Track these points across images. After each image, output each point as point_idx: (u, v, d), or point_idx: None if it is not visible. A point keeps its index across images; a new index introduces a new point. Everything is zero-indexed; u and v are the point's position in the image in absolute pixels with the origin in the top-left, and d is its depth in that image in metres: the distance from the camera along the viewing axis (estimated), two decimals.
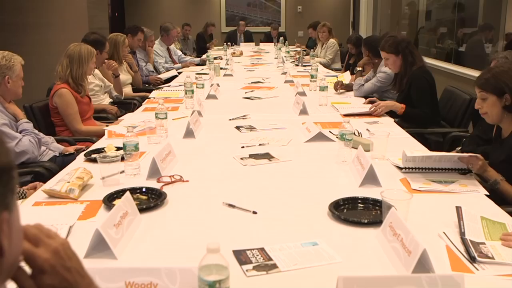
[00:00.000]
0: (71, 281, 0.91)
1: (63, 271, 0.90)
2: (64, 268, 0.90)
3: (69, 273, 0.91)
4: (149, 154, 2.75)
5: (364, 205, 2.08)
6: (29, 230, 0.89)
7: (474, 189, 2.30)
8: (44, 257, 0.87)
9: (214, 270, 1.22)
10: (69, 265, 0.91)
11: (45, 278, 0.88)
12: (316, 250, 1.71)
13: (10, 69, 3.19)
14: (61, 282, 0.89)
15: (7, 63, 3.19)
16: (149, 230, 1.90)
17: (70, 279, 0.91)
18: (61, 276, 0.89)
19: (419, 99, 3.94)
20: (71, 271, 0.91)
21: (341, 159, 2.65)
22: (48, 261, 0.88)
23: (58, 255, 0.90)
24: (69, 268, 0.91)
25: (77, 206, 2.13)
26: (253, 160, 2.74)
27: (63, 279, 0.89)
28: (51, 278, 0.88)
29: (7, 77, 3.18)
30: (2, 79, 3.17)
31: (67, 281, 0.90)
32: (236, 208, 2.08)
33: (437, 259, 1.59)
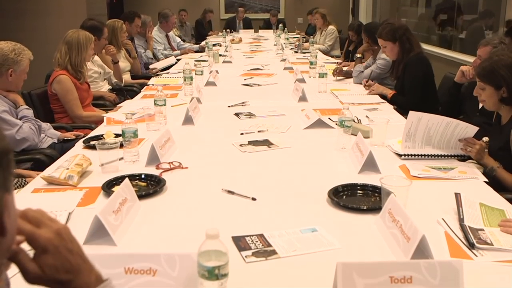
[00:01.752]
0: (73, 263, 0.90)
1: (66, 253, 0.90)
2: (66, 249, 0.90)
3: (71, 255, 0.90)
4: (148, 141, 2.75)
5: (363, 191, 2.08)
6: (31, 212, 0.89)
7: (473, 176, 2.30)
8: (46, 237, 0.87)
9: (213, 256, 1.22)
10: (71, 247, 0.91)
11: (48, 258, 0.87)
12: (315, 237, 1.71)
13: (16, 64, 3.16)
14: (64, 263, 0.89)
15: (15, 58, 3.15)
16: (148, 217, 1.90)
17: (72, 261, 0.90)
18: (64, 257, 0.89)
19: (409, 86, 3.95)
20: (73, 253, 0.91)
21: (340, 146, 2.65)
22: (50, 240, 0.88)
23: (60, 236, 0.90)
24: (71, 250, 0.91)
25: (76, 193, 2.13)
26: (252, 146, 2.74)
27: (65, 260, 0.89)
28: (54, 258, 0.88)
29: (11, 70, 3.15)
30: (6, 71, 3.14)
31: (69, 263, 0.90)
32: (235, 194, 2.08)
33: (436, 245, 1.60)
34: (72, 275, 0.90)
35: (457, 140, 2.47)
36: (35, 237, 0.86)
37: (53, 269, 0.88)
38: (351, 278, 1.30)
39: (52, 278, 0.88)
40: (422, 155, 2.50)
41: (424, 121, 2.49)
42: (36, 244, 0.87)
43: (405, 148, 2.52)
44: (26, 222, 0.86)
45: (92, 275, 0.93)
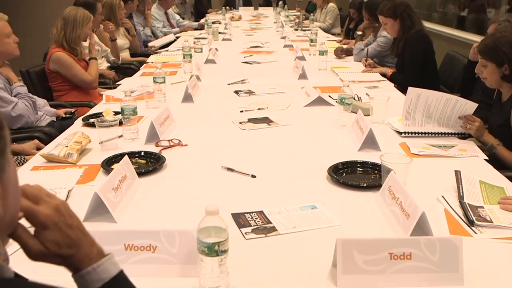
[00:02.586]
0: (74, 238, 0.90)
1: (66, 228, 0.89)
2: (66, 225, 0.89)
3: (71, 230, 0.90)
4: (147, 119, 2.74)
5: (363, 169, 2.08)
6: (29, 189, 0.88)
7: (474, 153, 2.29)
8: (45, 213, 0.87)
9: (213, 233, 1.22)
10: (70, 222, 0.91)
11: (48, 234, 0.87)
12: (315, 214, 1.71)
13: None
14: (64, 238, 0.88)
15: None
16: (148, 194, 1.90)
17: (73, 235, 0.90)
18: (64, 233, 0.89)
19: (409, 63, 3.94)
20: (73, 228, 0.91)
21: (340, 124, 2.64)
22: (50, 217, 0.87)
23: (59, 212, 0.89)
24: (71, 225, 0.91)
25: (75, 171, 2.13)
26: (252, 124, 2.73)
27: (66, 235, 0.89)
28: (54, 234, 0.87)
29: None
30: None
31: (70, 238, 0.89)
32: (235, 172, 2.08)
33: (436, 222, 1.60)
34: (74, 250, 0.90)
35: (457, 118, 2.46)
36: (34, 214, 0.86)
37: (55, 245, 0.87)
38: (351, 255, 1.30)
39: (53, 254, 0.88)
40: (422, 132, 2.50)
41: (423, 98, 2.48)
42: (36, 221, 0.86)
43: (405, 126, 2.52)
44: (25, 199, 0.86)
45: (93, 249, 0.93)
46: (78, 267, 0.91)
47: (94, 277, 0.91)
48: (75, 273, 0.91)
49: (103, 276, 0.92)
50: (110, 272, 0.93)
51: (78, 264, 0.90)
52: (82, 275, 0.90)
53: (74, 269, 0.91)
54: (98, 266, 0.91)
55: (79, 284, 0.91)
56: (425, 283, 1.30)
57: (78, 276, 0.91)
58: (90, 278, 0.91)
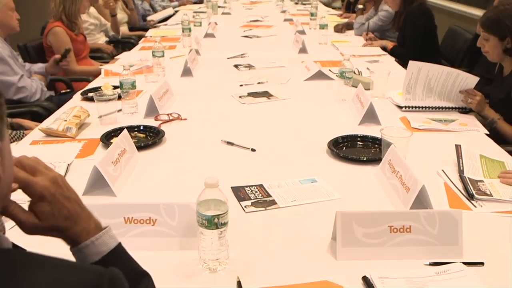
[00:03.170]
0: (71, 210, 0.89)
1: (63, 200, 0.88)
2: (63, 196, 0.88)
3: (68, 202, 0.89)
4: (146, 93, 2.72)
5: (363, 143, 2.07)
6: (26, 160, 0.87)
7: (474, 128, 2.28)
8: (42, 184, 0.86)
9: (212, 205, 1.21)
10: (68, 195, 0.90)
11: (45, 206, 0.86)
12: (315, 187, 1.71)
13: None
14: (61, 210, 0.88)
15: None
16: (148, 168, 1.90)
17: (70, 208, 0.89)
18: (61, 204, 0.88)
19: (410, 37, 3.91)
20: (70, 200, 0.90)
21: (340, 98, 2.63)
22: (47, 188, 0.86)
23: (56, 184, 0.88)
24: (68, 197, 0.90)
25: (74, 145, 2.12)
26: (252, 98, 2.71)
27: (63, 207, 0.88)
28: (51, 206, 0.86)
29: None
30: None
31: (67, 210, 0.88)
32: (235, 145, 2.07)
33: (435, 196, 1.59)
34: (71, 222, 0.89)
35: (458, 92, 2.45)
36: (31, 185, 0.85)
37: (50, 217, 0.86)
38: (351, 228, 1.31)
39: (50, 226, 0.87)
40: (423, 107, 2.48)
41: (424, 72, 2.46)
42: (32, 192, 0.85)
43: (405, 100, 2.50)
44: (21, 170, 0.85)
45: (91, 222, 0.93)
46: (76, 240, 0.90)
47: (93, 250, 0.90)
48: (73, 246, 0.91)
49: (101, 249, 0.91)
50: (109, 245, 0.92)
51: (76, 238, 0.90)
52: (80, 248, 0.90)
53: (72, 243, 0.91)
54: (96, 239, 0.91)
55: (78, 257, 0.91)
56: (425, 256, 1.30)
57: (76, 250, 0.90)
58: (89, 252, 0.90)
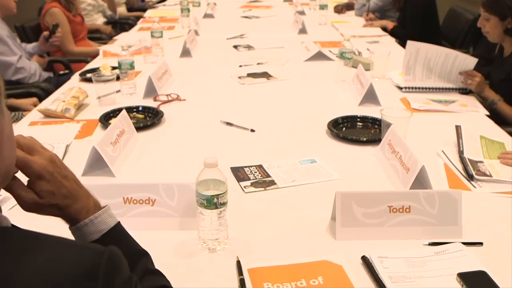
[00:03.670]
0: (70, 189, 0.89)
1: (61, 178, 0.88)
2: (61, 175, 0.88)
3: (66, 181, 0.89)
4: (145, 74, 2.70)
5: (363, 123, 2.07)
6: (22, 139, 0.86)
7: (474, 109, 2.28)
8: (40, 163, 0.85)
9: (211, 185, 1.21)
10: (65, 173, 0.89)
11: (43, 184, 0.86)
12: (314, 168, 1.71)
13: None
14: (60, 188, 0.87)
15: None
16: (147, 149, 1.89)
17: (69, 186, 0.89)
18: (59, 183, 0.87)
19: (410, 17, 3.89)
20: (68, 179, 0.89)
21: (340, 78, 2.61)
22: (44, 167, 0.86)
23: (54, 163, 0.88)
24: (66, 176, 0.89)
25: (73, 125, 2.12)
26: (251, 79, 2.70)
27: (61, 186, 0.87)
28: (49, 184, 0.86)
29: None
30: None
31: (65, 188, 0.88)
32: (234, 126, 2.06)
33: (435, 177, 1.59)
34: (70, 200, 0.89)
35: (457, 73, 2.43)
36: (28, 164, 0.84)
37: (49, 194, 0.86)
38: (350, 208, 1.30)
39: (49, 204, 0.87)
40: (423, 88, 2.47)
41: (422, 52, 2.44)
42: (30, 171, 0.85)
43: (405, 81, 2.49)
44: (18, 150, 0.84)
45: (90, 200, 0.92)
46: (76, 218, 0.90)
47: (92, 229, 0.90)
48: (72, 225, 0.91)
49: (100, 228, 0.91)
50: (108, 223, 0.92)
51: (75, 216, 0.90)
52: (79, 227, 0.90)
53: (71, 221, 0.91)
54: (96, 217, 0.91)
55: (77, 236, 0.91)
56: (424, 236, 1.30)
57: (75, 228, 0.90)
58: (88, 230, 0.90)
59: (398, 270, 1.17)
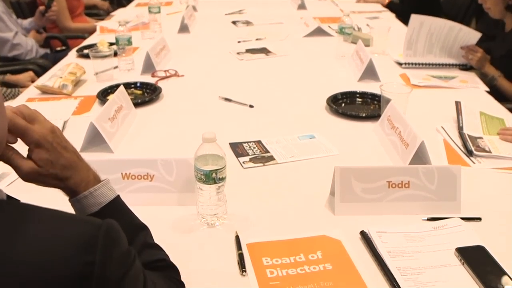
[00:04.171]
0: (70, 160, 0.88)
1: (60, 149, 0.87)
2: (61, 146, 0.87)
3: (66, 152, 0.88)
4: (142, 50, 2.68)
5: (362, 99, 2.06)
6: (25, 109, 0.85)
7: (474, 85, 2.26)
8: (40, 132, 0.84)
9: (210, 160, 1.20)
10: (65, 145, 0.88)
11: (42, 153, 0.85)
12: (313, 143, 1.70)
13: None
14: (59, 158, 0.86)
15: None
16: (145, 124, 1.88)
17: (68, 157, 0.88)
18: (59, 153, 0.86)
19: None
20: (68, 150, 0.88)
21: (340, 54, 2.59)
22: (44, 135, 0.85)
23: (54, 133, 0.87)
24: (66, 148, 0.88)
25: (70, 102, 2.10)
26: (250, 54, 2.68)
27: (60, 156, 0.86)
28: (48, 153, 0.85)
29: None
30: None
31: (65, 159, 0.87)
32: (233, 102, 2.05)
33: (434, 153, 1.58)
34: (70, 171, 0.88)
35: (459, 48, 2.41)
36: (28, 132, 0.83)
37: (48, 163, 0.85)
38: (349, 183, 1.30)
39: (48, 173, 0.86)
40: (423, 63, 2.45)
41: (426, 26, 2.42)
42: (30, 139, 0.84)
43: (406, 57, 2.47)
44: (20, 118, 0.83)
45: (90, 173, 0.92)
46: (75, 190, 0.89)
47: (91, 201, 0.90)
48: (72, 197, 0.90)
49: (100, 200, 0.91)
50: (107, 196, 0.92)
51: (75, 188, 0.89)
52: (79, 199, 0.89)
53: (71, 193, 0.90)
54: (95, 190, 0.90)
55: (76, 208, 0.91)
56: (423, 211, 1.30)
57: (75, 200, 0.90)
58: (87, 203, 0.90)
59: (397, 245, 1.17)
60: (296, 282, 1.07)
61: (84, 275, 0.64)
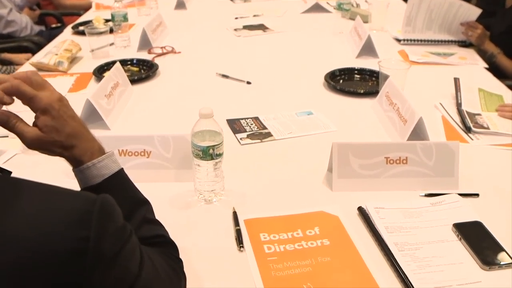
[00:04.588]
0: (76, 129, 0.87)
1: (67, 117, 0.85)
2: (67, 114, 0.85)
3: (73, 121, 0.86)
4: (139, 26, 2.65)
5: (360, 75, 2.04)
6: (34, 76, 0.83)
7: (473, 61, 2.25)
8: (48, 99, 0.83)
9: (207, 136, 1.19)
10: (72, 114, 0.87)
11: (48, 120, 0.83)
12: (311, 120, 1.69)
13: None
14: (64, 126, 0.85)
15: None
16: (142, 101, 1.87)
17: (75, 126, 0.87)
18: (65, 121, 0.85)
19: None
20: (75, 119, 0.87)
21: (338, 30, 2.57)
22: (51, 103, 0.83)
23: (62, 102, 0.85)
24: (73, 117, 0.87)
25: (66, 79, 2.09)
26: (247, 31, 2.66)
27: (66, 124, 0.85)
28: (54, 120, 0.84)
29: None
30: None
31: (71, 127, 0.86)
32: (230, 78, 2.03)
33: (433, 129, 1.57)
34: (75, 140, 0.86)
35: (458, 24, 2.39)
36: (36, 99, 0.82)
37: (53, 130, 0.84)
38: (347, 159, 1.30)
39: (52, 141, 0.85)
40: (422, 40, 2.43)
41: (426, 2, 2.39)
42: (36, 106, 0.83)
43: (405, 33, 2.45)
44: (28, 85, 0.82)
45: (95, 144, 0.90)
46: (80, 160, 0.88)
47: (94, 173, 0.89)
48: (76, 167, 0.89)
49: (103, 172, 0.89)
50: (111, 168, 0.90)
51: (79, 158, 0.88)
52: (82, 169, 0.88)
53: (75, 163, 0.89)
54: (99, 161, 0.89)
55: (79, 178, 0.89)
56: (420, 187, 1.30)
57: (78, 170, 0.89)
58: (91, 173, 0.88)
59: (394, 221, 1.17)
60: (293, 257, 1.07)
61: (79, 251, 0.63)
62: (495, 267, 1.03)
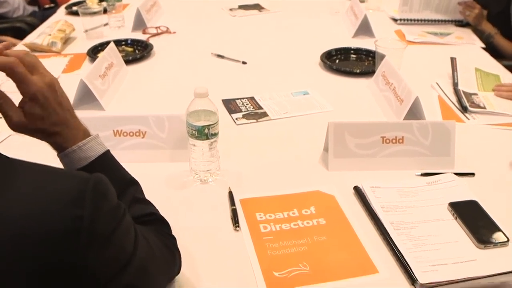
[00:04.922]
0: (62, 117, 0.86)
1: (55, 105, 0.85)
2: (56, 102, 0.85)
3: (60, 108, 0.86)
4: (133, 6, 2.61)
5: (356, 55, 2.03)
6: (27, 57, 0.82)
7: (470, 41, 2.24)
8: (38, 85, 0.82)
9: (202, 116, 1.19)
10: (60, 100, 0.86)
11: (35, 107, 0.82)
12: (307, 99, 1.68)
13: None
14: (51, 115, 0.84)
15: None
16: (136, 82, 1.85)
17: (61, 114, 0.86)
18: (52, 109, 0.84)
19: None
20: (62, 107, 0.86)
21: (334, 10, 2.55)
22: (41, 90, 0.82)
23: (52, 88, 0.84)
24: (61, 104, 0.86)
25: (60, 60, 2.07)
26: (243, 11, 2.64)
27: (53, 112, 0.84)
28: (41, 108, 0.83)
29: None
30: None
31: (58, 116, 0.85)
32: (225, 58, 2.02)
33: (429, 109, 1.57)
34: (59, 128, 0.86)
35: (456, 4, 2.37)
36: (26, 82, 0.81)
37: (38, 119, 0.83)
38: (343, 138, 1.29)
39: (36, 128, 0.84)
40: (419, 19, 2.41)
41: None
42: (26, 90, 0.81)
43: (401, 13, 2.43)
44: (21, 65, 0.81)
45: (80, 130, 0.90)
46: (64, 146, 0.88)
47: (80, 155, 0.88)
48: (60, 152, 0.89)
49: (89, 155, 0.89)
50: (96, 150, 0.90)
51: (64, 144, 0.87)
52: (67, 153, 0.88)
53: (59, 148, 0.89)
54: (84, 144, 0.88)
55: (64, 162, 0.89)
56: (417, 166, 1.30)
57: (63, 155, 0.88)
58: (76, 156, 0.88)
59: (390, 200, 1.17)
60: (289, 236, 1.07)
61: (73, 230, 0.62)
62: (490, 246, 1.04)
